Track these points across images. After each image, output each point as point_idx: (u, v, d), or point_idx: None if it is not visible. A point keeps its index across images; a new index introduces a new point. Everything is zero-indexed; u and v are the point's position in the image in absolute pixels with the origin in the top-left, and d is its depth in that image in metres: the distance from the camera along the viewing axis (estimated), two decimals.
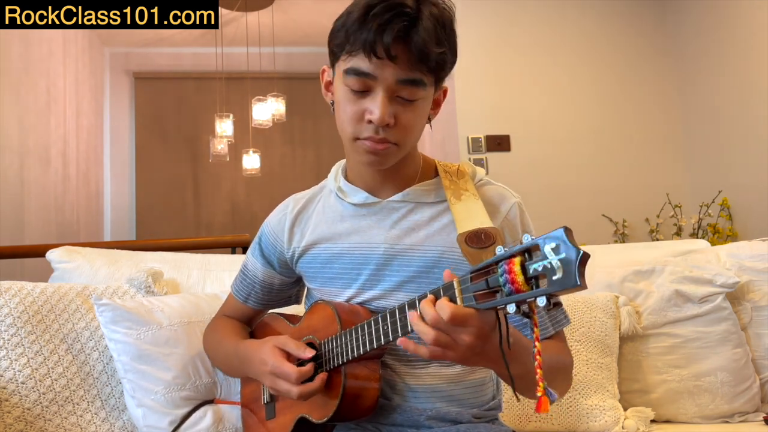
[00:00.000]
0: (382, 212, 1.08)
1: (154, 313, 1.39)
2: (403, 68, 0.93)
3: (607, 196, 3.54)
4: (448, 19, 0.97)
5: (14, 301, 1.37)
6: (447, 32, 0.96)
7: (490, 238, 0.94)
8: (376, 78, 0.94)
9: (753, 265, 1.67)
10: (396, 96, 0.96)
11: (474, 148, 3.48)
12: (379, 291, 1.05)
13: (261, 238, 1.20)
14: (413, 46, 0.92)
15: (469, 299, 0.76)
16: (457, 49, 0.99)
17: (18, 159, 3.62)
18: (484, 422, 1.06)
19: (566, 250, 0.64)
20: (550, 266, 0.65)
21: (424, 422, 1.03)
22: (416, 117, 0.99)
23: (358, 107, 0.97)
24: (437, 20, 0.94)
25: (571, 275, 0.63)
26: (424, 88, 0.97)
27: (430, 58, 0.93)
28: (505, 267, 0.70)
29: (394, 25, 0.91)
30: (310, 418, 1.03)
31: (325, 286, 1.10)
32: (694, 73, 3.55)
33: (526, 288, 0.68)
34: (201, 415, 1.34)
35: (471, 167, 1.12)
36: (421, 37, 0.91)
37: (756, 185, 3.08)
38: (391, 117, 0.96)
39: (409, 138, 1.00)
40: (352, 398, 0.99)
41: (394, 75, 0.94)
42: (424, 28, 0.92)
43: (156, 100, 5.46)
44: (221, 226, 5.39)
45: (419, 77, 0.95)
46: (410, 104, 0.97)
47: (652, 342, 1.62)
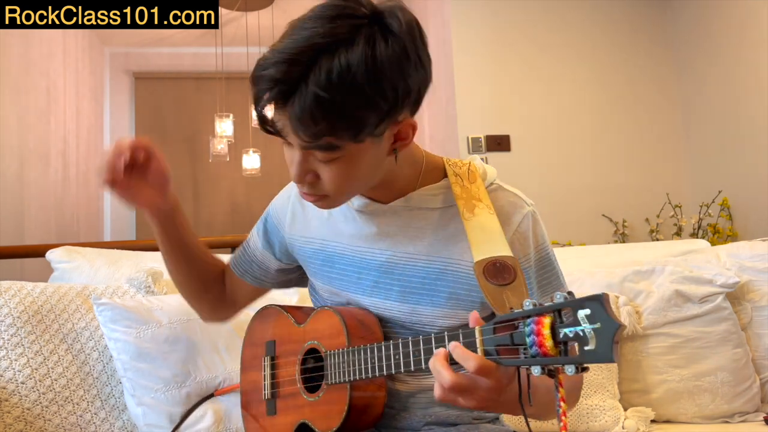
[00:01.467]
0: (385, 217, 1.01)
1: (154, 312, 1.39)
2: (293, 137, 0.81)
3: (607, 196, 3.54)
4: (361, 76, 0.77)
5: (14, 301, 1.38)
6: (356, 89, 0.77)
7: (511, 273, 0.86)
8: (285, 136, 0.84)
9: (753, 265, 1.67)
10: (309, 155, 0.85)
11: (474, 148, 3.48)
12: (380, 299, 1.02)
13: (266, 220, 1.16)
14: (292, 118, 0.79)
15: (490, 352, 0.73)
16: (404, 90, 0.81)
17: (18, 159, 3.61)
18: (484, 423, 1.06)
19: (602, 321, 0.60)
20: (583, 334, 0.61)
21: (423, 427, 1.02)
22: (342, 173, 0.86)
23: (288, 155, 0.88)
24: (336, 81, 0.76)
25: (606, 350, 0.59)
26: (339, 150, 0.82)
27: (320, 131, 0.79)
28: (533, 327, 0.66)
29: (269, 95, 0.79)
30: (312, 426, 1.02)
31: (326, 284, 1.08)
32: (695, 73, 3.55)
33: (554, 352, 0.64)
34: (201, 413, 1.34)
35: (482, 167, 1.04)
36: (300, 110, 0.77)
37: (756, 185, 3.08)
38: (309, 174, 0.87)
39: (337, 191, 0.89)
40: (359, 412, 0.98)
41: (295, 140, 0.82)
42: (304, 99, 0.77)
43: (156, 100, 5.46)
44: (221, 226, 5.39)
45: (324, 143, 0.81)
46: (329, 164, 0.85)
47: (652, 342, 1.62)
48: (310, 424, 1.03)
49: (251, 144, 4.87)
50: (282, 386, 1.13)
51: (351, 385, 0.96)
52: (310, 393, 1.06)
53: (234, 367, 1.39)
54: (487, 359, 0.73)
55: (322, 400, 1.02)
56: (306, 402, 1.06)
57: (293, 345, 1.12)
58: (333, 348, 1.00)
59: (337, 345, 0.99)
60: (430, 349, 0.82)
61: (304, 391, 1.07)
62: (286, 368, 1.13)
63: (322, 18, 0.80)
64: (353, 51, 0.77)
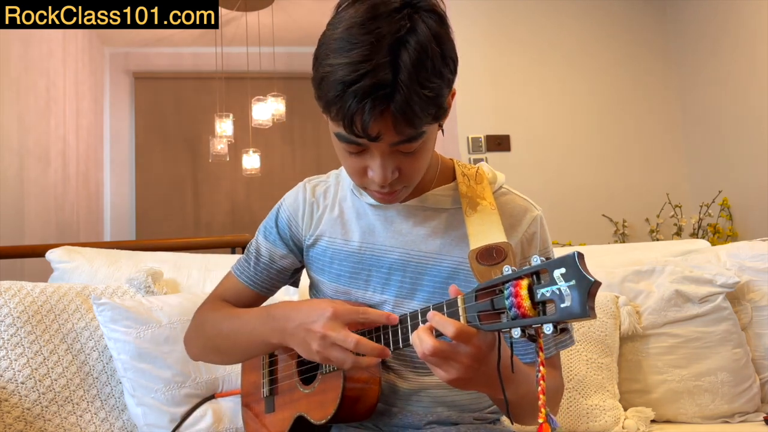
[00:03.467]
0: (398, 216, 1.03)
1: (154, 312, 1.39)
2: (393, 135, 0.84)
3: (607, 196, 3.54)
4: (437, 56, 0.83)
5: (14, 301, 1.38)
6: (435, 72, 0.83)
7: (501, 254, 0.90)
8: (367, 145, 0.87)
9: (753, 265, 1.67)
10: (395, 151, 0.88)
11: (474, 148, 3.48)
12: (389, 296, 1.02)
13: (277, 220, 1.13)
14: (397, 116, 0.81)
15: (472, 318, 0.74)
16: (453, 70, 0.88)
17: (18, 159, 3.62)
18: (485, 423, 1.06)
19: (577, 278, 0.61)
20: (559, 293, 0.63)
21: (425, 426, 1.02)
22: (421, 159, 0.91)
23: (358, 164, 0.90)
24: (420, 66, 0.81)
25: (581, 305, 0.61)
26: (423, 136, 0.87)
27: (421, 118, 0.83)
28: (511, 290, 0.68)
29: (371, 103, 0.80)
30: (308, 417, 1.03)
31: (333, 282, 1.06)
32: (695, 73, 3.55)
33: (532, 313, 0.66)
34: (201, 413, 1.34)
35: (491, 172, 1.07)
36: (404, 105, 0.81)
37: (756, 185, 3.08)
38: (395, 172, 0.90)
39: (417, 177, 0.94)
40: (352, 401, 0.98)
41: (386, 142, 0.85)
42: (406, 93, 0.80)
43: (156, 100, 5.46)
44: (221, 226, 5.39)
45: (413, 134, 0.85)
46: (412, 154, 0.89)
47: (652, 342, 1.62)
48: (306, 416, 1.04)
49: (251, 144, 4.88)
50: (280, 382, 1.14)
51: (344, 373, 0.97)
52: (305, 385, 1.07)
53: (234, 368, 1.39)
54: (466, 325, 0.75)
55: (317, 390, 1.03)
56: (302, 395, 1.07)
57: None
58: None
59: None
60: (417, 324, 0.83)
61: (300, 384, 1.08)
62: (284, 364, 1.14)
63: (370, 20, 0.82)
64: (418, 34, 0.82)
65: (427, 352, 0.77)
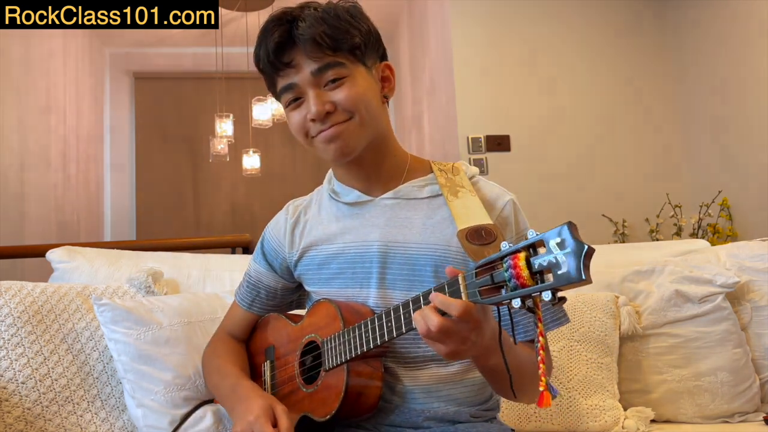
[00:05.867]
0: (375, 210, 1.08)
1: (154, 313, 1.39)
2: (308, 62, 1.00)
3: (607, 196, 3.54)
4: (340, 9, 1.03)
5: (14, 301, 1.38)
6: (338, 15, 1.01)
7: (491, 234, 0.95)
8: (297, 84, 1.02)
9: (753, 265, 1.67)
10: (324, 84, 1.01)
11: (474, 148, 3.48)
12: (376, 289, 1.05)
13: (263, 243, 1.21)
14: (301, 39, 0.99)
15: (473, 294, 0.77)
16: (366, 29, 1.04)
17: (18, 159, 3.62)
18: (482, 421, 1.06)
19: (571, 245, 0.64)
20: (555, 261, 0.65)
21: (422, 423, 1.03)
22: (355, 91, 1.01)
23: (300, 115, 1.03)
24: (323, 11, 1.01)
25: (576, 269, 0.63)
26: (345, 67, 1.01)
27: (328, 44, 0.99)
28: (510, 262, 0.70)
29: (276, 35, 1.00)
30: (312, 416, 1.03)
31: (323, 288, 1.10)
32: (695, 73, 3.55)
33: (531, 282, 0.69)
34: (201, 415, 1.34)
35: (465, 165, 1.14)
36: (305, 29, 0.99)
37: (756, 185, 3.08)
38: (328, 103, 1.01)
39: (359, 107, 1.02)
40: (355, 396, 0.98)
41: (308, 69, 1.00)
42: (306, 22, 0.99)
43: (156, 100, 5.46)
44: (221, 226, 5.38)
45: (330, 60, 1.00)
46: (340, 82, 1.01)
47: (652, 342, 1.62)
48: (310, 415, 1.04)
49: (251, 144, 4.87)
50: (282, 386, 1.13)
51: (347, 368, 0.98)
52: (308, 385, 1.07)
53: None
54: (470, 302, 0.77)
55: (320, 388, 1.03)
56: (305, 395, 1.07)
57: (292, 344, 1.13)
58: (329, 335, 1.02)
59: (333, 330, 1.01)
60: (419, 307, 0.84)
61: (303, 384, 1.08)
62: (285, 368, 1.14)
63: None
64: (330, 3, 1.05)
65: (433, 329, 0.79)
